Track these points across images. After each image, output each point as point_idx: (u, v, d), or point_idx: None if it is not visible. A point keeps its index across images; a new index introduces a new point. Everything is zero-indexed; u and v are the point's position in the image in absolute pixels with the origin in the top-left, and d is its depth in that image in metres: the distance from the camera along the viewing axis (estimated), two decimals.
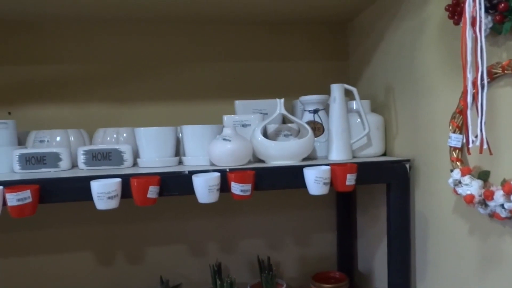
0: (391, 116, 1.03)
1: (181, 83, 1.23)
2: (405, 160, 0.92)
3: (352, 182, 0.85)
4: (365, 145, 1.01)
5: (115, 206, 0.78)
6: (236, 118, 1.00)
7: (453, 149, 0.76)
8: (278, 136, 1.02)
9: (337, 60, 1.30)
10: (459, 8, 0.68)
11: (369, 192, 1.19)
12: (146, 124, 1.19)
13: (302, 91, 1.28)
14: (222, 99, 1.24)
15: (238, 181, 0.80)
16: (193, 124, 1.17)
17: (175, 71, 1.23)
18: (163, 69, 1.23)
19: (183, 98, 1.23)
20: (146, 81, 1.22)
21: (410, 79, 0.93)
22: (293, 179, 0.86)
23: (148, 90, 1.22)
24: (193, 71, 1.24)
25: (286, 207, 1.29)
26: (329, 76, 1.29)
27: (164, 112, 1.22)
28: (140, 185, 0.78)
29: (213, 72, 1.25)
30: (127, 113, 1.21)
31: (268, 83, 1.27)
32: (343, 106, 0.96)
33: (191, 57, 1.24)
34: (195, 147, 0.95)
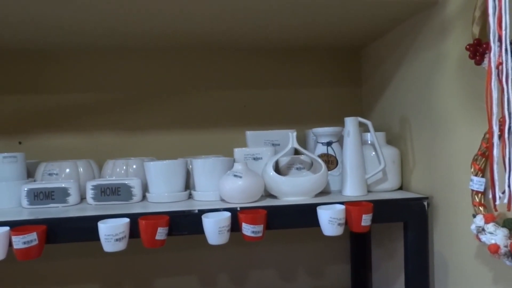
0: (407, 149, 1.00)
1: (191, 112, 1.22)
2: (423, 198, 0.89)
3: (367, 222, 0.82)
4: (381, 180, 0.98)
5: (123, 248, 0.76)
6: (247, 151, 0.98)
7: (475, 192, 0.72)
8: (290, 169, 1.00)
9: (350, 87, 1.28)
10: (481, 49, 0.65)
11: (385, 225, 1.15)
12: (156, 153, 1.18)
13: (314, 119, 1.26)
14: (233, 128, 1.23)
15: (250, 222, 0.78)
16: (204, 153, 1.16)
17: (185, 99, 1.22)
18: (173, 98, 1.22)
19: (193, 127, 1.22)
20: (156, 110, 1.21)
21: (427, 112, 0.90)
22: (306, 218, 0.84)
23: (158, 119, 1.21)
24: (204, 100, 1.23)
25: (299, 237, 1.26)
26: (342, 103, 1.27)
27: (174, 141, 1.21)
28: (148, 226, 0.76)
29: (224, 101, 1.23)
30: (137, 143, 1.20)
31: (280, 111, 1.25)
32: (358, 140, 0.94)
33: (201, 85, 1.23)
34: (205, 181, 0.93)
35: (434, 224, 0.89)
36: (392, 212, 0.87)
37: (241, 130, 1.16)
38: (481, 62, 0.67)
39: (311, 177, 0.91)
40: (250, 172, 0.89)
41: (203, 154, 1.17)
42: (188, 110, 1.22)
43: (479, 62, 0.67)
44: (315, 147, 1.04)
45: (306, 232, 1.25)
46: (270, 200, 0.92)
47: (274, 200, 0.91)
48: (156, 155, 1.16)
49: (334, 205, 0.84)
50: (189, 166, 1.00)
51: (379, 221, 0.86)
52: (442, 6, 0.84)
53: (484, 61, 0.66)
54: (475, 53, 0.67)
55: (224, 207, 0.84)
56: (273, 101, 1.25)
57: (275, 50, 1.24)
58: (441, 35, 0.84)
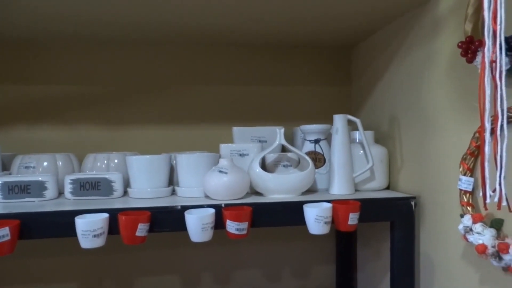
0: (396, 148, 0.99)
1: (176, 107, 1.19)
2: (410, 197, 0.88)
3: (354, 221, 0.81)
4: (368, 178, 0.97)
5: (101, 244, 0.73)
6: (234, 147, 0.96)
7: (464, 192, 0.71)
8: (277, 167, 0.98)
9: (340, 86, 1.26)
10: (473, 46, 0.64)
11: (371, 225, 1.14)
12: (139, 148, 1.15)
13: (302, 116, 1.24)
14: (220, 124, 1.20)
15: (234, 219, 0.76)
16: (189, 150, 1.13)
17: (171, 94, 1.19)
18: (158, 92, 1.19)
19: (178, 122, 1.19)
20: (141, 104, 1.18)
21: (417, 110, 0.90)
22: (292, 216, 0.82)
23: (142, 113, 1.18)
24: (190, 95, 1.20)
25: (285, 236, 1.25)
26: (331, 101, 1.26)
27: (158, 137, 1.18)
28: (128, 222, 0.74)
29: (211, 96, 1.21)
30: (120, 137, 1.17)
31: (268, 108, 1.23)
32: (346, 138, 0.93)
33: (188, 80, 1.20)
34: (190, 178, 0.91)
35: (421, 224, 0.89)
36: (379, 211, 0.86)
37: (228, 126, 1.14)
38: (473, 60, 0.66)
39: (298, 175, 0.90)
40: (236, 168, 0.87)
41: (188, 150, 1.14)
42: (174, 104, 1.19)
43: (471, 60, 0.66)
44: (303, 145, 1.02)
45: (292, 230, 1.24)
46: (255, 197, 0.90)
47: (260, 197, 0.90)
48: (140, 151, 1.13)
49: (321, 203, 0.82)
50: (173, 161, 0.98)
51: (366, 220, 0.85)
52: (434, 4, 0.83)
53: (476, 59, 0.65)
54: (467, 51, 0.66)
55: (208, 203, 0.82)
56: (261, 98, 1.23)
57: (265, 46, 1.22)
58: (433, 32, 0.84)
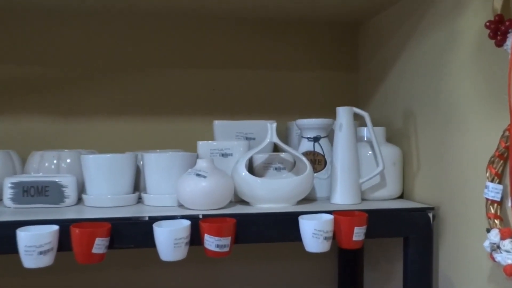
0: (411, 149, 1.01)
1: (144, 95, 1.20)
2: (428, 208, 0.90)
3: (360, 237, 0.82)
4: (378, 185, 0.99)
5: (49, 263, 0.73)
6: (215, 145, 0.98)
7: (491, 202, 0.73)
8: (268, 170, 1.00)
9: (344, 72, 1.28)
10: (503, 27, 0.66)
11: (380, 241, 1.16)
12: (97, 145, 1.15)
13: (299, 108, 1.25)
14: (197, 117, 1.21)
15: (214, 234, 0.77)
16: (159, 148, 1.14)
17: (138, 78, 1.20)
18: (122, 75, 1.19)
19: (146, 113, 1.20)
20: (100, 90, 1.18)
21: (437, 104, 0.92)
22: (285, 230, 0.83)
23: (101, 102, 1.18)
24: (161, 80, 1.21)
25: (275, 256, 1.26)
26: (333, 90, 1.27)
27: (121, 131, 1.18)
28: (83, 236, 0.74)
29: (187, 82, 1.21)
30: (73, 131, 1.17)
31: (257, 97, 1.24)
32: (351, 136, 0.94)
33: (159, 61, 1.20)
34: (160, 182, 0.92)
35: (440, 240, 0.91)
36: (390, 225, 0.88)
37: (208, 119, 1.15)
38: (503, 43, 0.68)
39: (293, 180, 0.91)
40: (217, 171, 0.88)
41: (158, 147, 1.14)
42: (141, 91, 1.20)
43: (501, 43, 0.68)
44: (299, 143, 1.04)
45: (285, 248, 1.25)
46: (241, 207, 0.91)
47: (246, 207, 0.90)
48: (98, 148, 1.13)
49: (320, 214, 0.84)
50: (139, 162, 0.99)
51: (374, 235, 0.86)
52: None
53: (507, 42, 0.67)
54: (496, 32, 0.68)
55: (182, 214, 0.83)
56: (249, 85, 1.24)
57: (254, 20, 1.23)
58: (456, 9, 0.85)
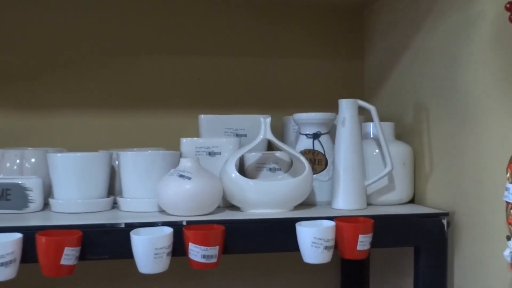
0: (423, 147, 1.02)
1: (120, 85, 1.20)
2: (441, 214, 0.91)
3: (365, 246, 0.83)
4: (386, 188, 1.00)
5: (11, 276, 0.73)
6: (201, 143, 0.98)
7: (511, 206, 0.74)
8: (261, 171, 1.00)
9: (348, 60, 1.29)
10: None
11: (388, 253, 1.17)
12: (66, 143, 1.14)
13: (297, 100, 1.26)
14: (181, 111, 1.21)
15: (200, 243, 0.77)
16: (138, 146, 1.14)
17: (114, 66, 1.20)
18: (95, 63, 1.19)
19: (123, 106, 1.20)
20: (69, 80, 1.18)
21: (452, 96, 0.92)
22: (281, 239, 0.84)
23: (71, 94, 1.18)
24: (140, 68, 1.21)
25: (269, 268, 1.27)
26: (336, 81, 1.28)
27: (94, 127, 1.19)
28: (51, 245, 0.74)
29: (169, 70, 1.22)
30: (38, 126, 1.17)
31: (250, 88, 1.25)
32: (356, 132, 0.95)
33: (138, 47, 1.21)
34: (138, 185, 0.93)
35: (455, 250, 0.91)
36: (399, 232, 0.89)
37: (193, 113, 1.14)
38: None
39: (289, 182, 0.92)
40: (203, 172, 0.88)
41: (136, 145, 1.15)
42: (115, 82, 1.20)
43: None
44: (297, 141, 1.04)
45: (280, 259, 1.25)
46: (230, 212, 0.92)
47: (236, 213, 0.91)
48: (67, 146, 1.13)
49: (319, 221, 0.84)
50: (114, 162, 0.99)
51: (381, 244, 0.87)
52: None
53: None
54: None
55: (163, 220, 0.83)
56: (240, 74, 1.24)
57: (249, 4, 1.23)
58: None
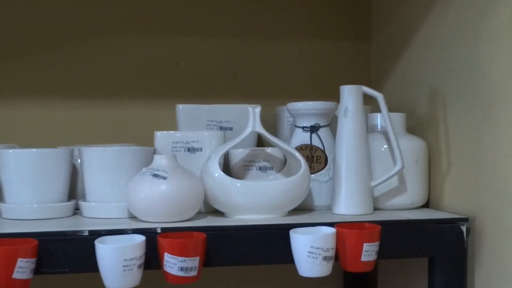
0: (439, 142, 1.03)
1: (85, 71, 1.21)
2: (460, 219, 0.92)
3: (371, 256, 0.83)
4: (396, 190, 1.01)
5: None
6: (178, 137, 0.99)
7: None
8: (250, 170, 1.01)
9: (353, 40, 1.30)
10: None
11: (398, 265, 1.18)
12: (19, 138, 1.15)
13: (292, 89, 1.27)
14: (156, 100, 1.22)
15: (177, 253, 0.77)
16: (104, 141, 1.14)
17: (76, 49, 1.20)
18: (54, 46, 1.20)
19: (87, 96, 1.21)
20: (24, 66, 1.19)
21: (473, 83, 0.93)
22: (272, 249, 0.84)
23: (26, 80, 1.19)
24: (108, 51, 1.21)
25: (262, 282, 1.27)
26: (338, 66, 1.29)
27: (53, 120, 1.19)
28: (0, 256, 0.74)
29: (143, 53, 1.23)
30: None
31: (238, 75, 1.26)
32: (360, 124, 0.96)
33: (104, 27, 1.21)
34: (104, 186, 0.93)
35: (477, 261, 0.92)
36: (411, 241, 0.89)
37: (169, 102, 1.16)
38: None
39: (282, 183, 0.92)
40: (180, 171, 0.89)
41: (102, 140, 1.15)
42: (78, 68, 1.21)
43: None
44: (292, 134, 1.05)
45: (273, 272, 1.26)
46: (213, 218, 0.92)
47: (219, 219, 0.91)
48: (20, 141, 1.13)
49: (317, 227, 0.85)
50: (77, 160, 1.00)
51: (390, 255, 0.88)
52: None
53: None
54: None
55: (134, 227, 0.83)
56: (224, 57, 1.25)
57: None
58: None
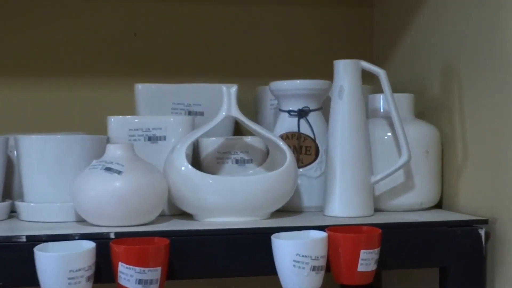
0: (454, 129, 1.04)
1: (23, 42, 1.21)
2: (478, 221, 0.93)
3: (370, 266, 0.84)
4: (401, 187, 1.02)
5: None
6: (136, 123, 0.99)
7: None
8: (224, 163, 1.02)
9: (352, 7, 1.31)
10: None
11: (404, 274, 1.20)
12: None
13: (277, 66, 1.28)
14: (110, 78, 1.24)
15: (133, 262, 0.77)
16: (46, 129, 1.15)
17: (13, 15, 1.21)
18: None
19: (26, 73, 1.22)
20: None
21: (495, 57, 0.94)
22: (251, 259, 0.85)
23: None
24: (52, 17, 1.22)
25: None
26: (334, 37, 1.30)
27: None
28: None
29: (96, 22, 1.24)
30: None
31: (208, 47, 1.27)
32: (359, 106, 0.97)
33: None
34: (46, 183, 0.94)
35: (497, 270, 0.93)
36: (419, 247, 0.91)
37: (126, 81, 1.16)
38: None
39: (263, 178, 0.93)
40: (139, 164, 0.90)
41: (44, 128, 1.16)
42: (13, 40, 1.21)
43: None
44: (276, 120, 1.06)
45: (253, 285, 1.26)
46: (178, 221, 0.93)
47: (187, 222, 0.92)
48: None
49: (306, 231, 0.85)
50: (12, 150, 1.00)
51: (393, 264, 0.89)
52: None
53: None
54: None
55: (82, 232, 0.84)
56: (194, 26, 1.27)
57: None
58: None
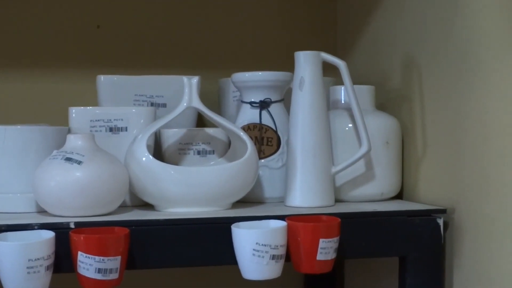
0: (414, 120, 1.06)
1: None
2: (437, 211, 0.94)
3: (329, 254, 0.85)
4: (362, 177, 1.03)
5: None
6: (98, 114, 0.99)
7: None
8: (186, 154, 1.02)
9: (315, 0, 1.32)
10: None
11: (364, 264, 1.21)
12: None
13: (239, 58, 1.29)
14: (72, 70, 1.23)
15: (93, 251, 0.78)
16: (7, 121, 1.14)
17: None
18: None
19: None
20: None
21: (454, 51, 0.95)
22: (211, 249, 0.86)
23: None
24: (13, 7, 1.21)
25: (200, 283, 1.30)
26: (297, 30, 1.31)
27: None
28: None
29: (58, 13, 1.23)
30: None
31: (169, 38, 1.27)
32: (319, 97, 0.98)
33: None
34: (6, 174, 0.94)
35: (455, 259, 0.95)
36: (378, 237, 0.92)
37: (89, 73, 1.16)
38: None
39: (224, 168, 0.94)
40: (100, 154, 0.90)
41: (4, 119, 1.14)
42: None
43: None
44: (238, 111, 1.07)
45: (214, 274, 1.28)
46: (139, 212, 0.93)
47: (148, 213, 0.92)
48: None
49: (265, 221, 0.86)
50: None
51: (353, 253, 0.90)
52: None
53: None
54: None
55: (42, 222, 0.84)
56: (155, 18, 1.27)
57: None
58: None
